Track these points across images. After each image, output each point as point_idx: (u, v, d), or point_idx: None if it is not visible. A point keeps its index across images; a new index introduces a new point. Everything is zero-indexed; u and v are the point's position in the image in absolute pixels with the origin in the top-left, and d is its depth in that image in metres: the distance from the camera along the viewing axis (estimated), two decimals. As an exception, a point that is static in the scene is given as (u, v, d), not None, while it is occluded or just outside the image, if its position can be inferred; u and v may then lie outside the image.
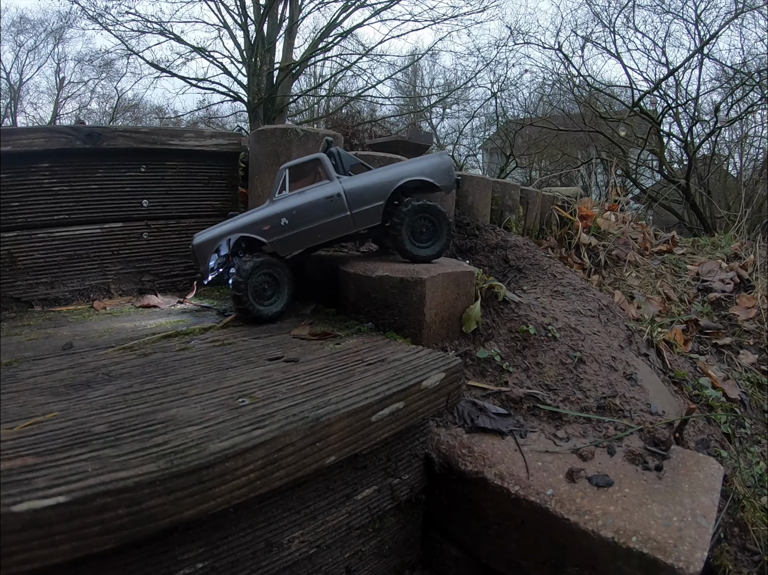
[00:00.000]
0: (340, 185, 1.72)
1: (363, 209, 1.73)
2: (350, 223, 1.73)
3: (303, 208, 1.69)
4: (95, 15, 14.46)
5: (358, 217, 1.73)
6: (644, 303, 2.87)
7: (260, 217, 1.70)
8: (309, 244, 1.73)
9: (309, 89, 17.90)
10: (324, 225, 1.71)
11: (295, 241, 1.71)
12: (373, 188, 1.75)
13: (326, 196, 1.70)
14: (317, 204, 1.70)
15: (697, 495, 1.17)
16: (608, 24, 11.57)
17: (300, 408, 1.01)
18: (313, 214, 1.70)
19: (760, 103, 9.83)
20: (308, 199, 1.70)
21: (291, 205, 1.69)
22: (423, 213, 1.77)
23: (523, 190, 3.51)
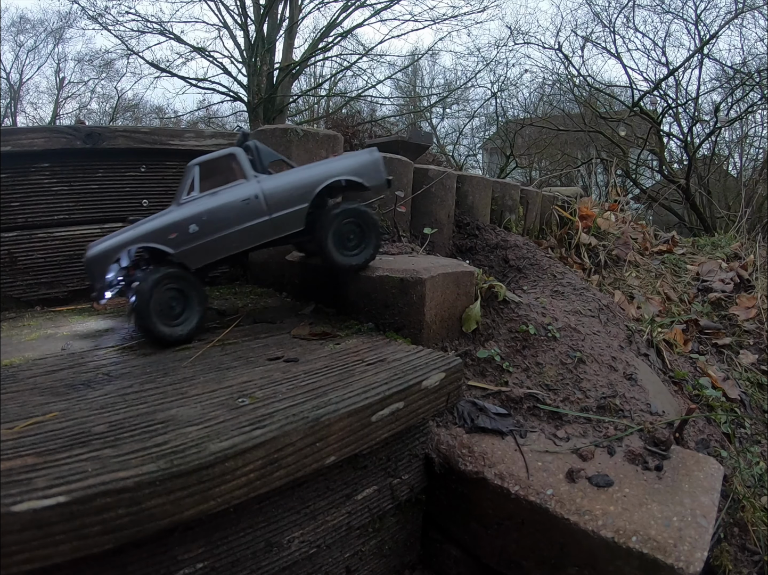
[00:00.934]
0: (258, 185, 1.54)
1: (284, 213, 1.55)
2: (270, 229, 1.55)
3: (215, 212, 1.48)
4: (95, 15, 14.48)
5: (279, 221, 1.55)
6: (644, 303, 2.87)
7: (165, 223, 1.45)
8: (223, 253, 1.52)
9: (309, 89, 17.91)
10: (240, 231, 1.51)
11: (206, 251, 1.49)
12: (295, 189, 1.57)
13: (242, 198, 1.51)
14: (232, 207, 1.50)
15: (697, 495, 1.17)
16: (608, 24, 11.59)
17: (300, 408, 1.01)
18: (227, 219, 1.49)
19: (760, 103, 9.84)
20: (221, 202, 1.50)
21: (201, 209, 1.48)
22: (350, 217, 1.62)
23: (523, 190, 3.51)
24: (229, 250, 1.52)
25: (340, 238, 1.62)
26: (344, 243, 1.64)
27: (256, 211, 1.52)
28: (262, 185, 1.54)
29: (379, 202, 2.41)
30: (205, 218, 1.47)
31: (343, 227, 1.62)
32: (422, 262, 1.77)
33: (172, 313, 1.45)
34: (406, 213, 2.60)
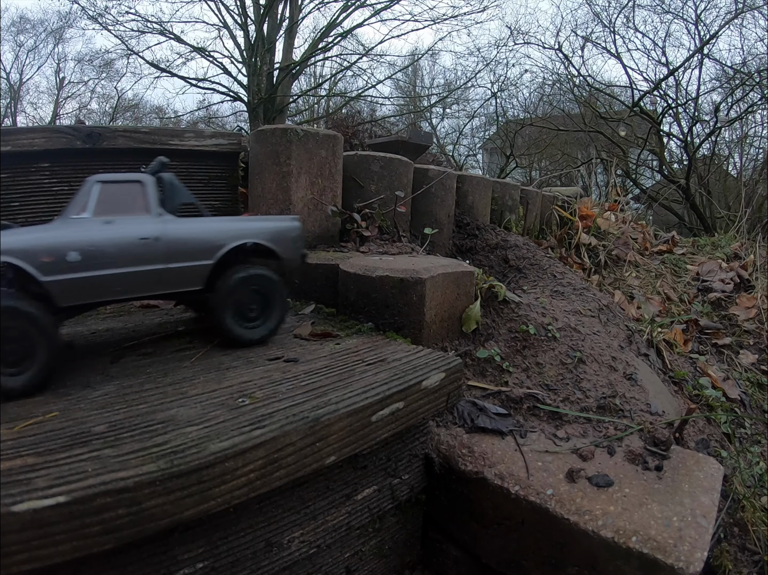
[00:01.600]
0: (162, 226, 1.29)
1: (183, 266, 1.32)
2: (162, 280, 1.29)
3: (104, 244, 1.21)
4: (95, 15, 14.45)
5: (174, 274, 1.31)
6: (644, 303, 2.87)
7: (41, 241, 1.16)
8: (100, 297, 1.24)
9: (309, 89, 17.91)
10: (127, 275, 1.24)
11: (82, 288, 1.19)
12: (201, 241, 1.35)
13: (140, 236, 1.25)
14: (126, 243, 1.23)
15: (697, 495, 1.17)
16: (608, 24, 11.57)
17: (300, 408, 1.01)
18: (116, 256, 1.22)
19: (760, 103, 9.83)
20: (115, 234, 1.23)
21: (89, 236, 1.20)
22: (252, 285, 1.42)
23: (523, 190, 3.51)
24: (109, 294, 1.25)
25: (239, 308, 1.41)
26: (244, 313, 1.43)
27: (152, 254, 1.26)
28: (167, 226, 1.30)
29: (380, 202, 2.42)
30: (91, 248, 1.19)
31: (242, 296, 1.41)
32: (422, 262, 1.77)
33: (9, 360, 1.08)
34: (406, 213, 2.60)
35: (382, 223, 2.38)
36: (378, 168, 2.46)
